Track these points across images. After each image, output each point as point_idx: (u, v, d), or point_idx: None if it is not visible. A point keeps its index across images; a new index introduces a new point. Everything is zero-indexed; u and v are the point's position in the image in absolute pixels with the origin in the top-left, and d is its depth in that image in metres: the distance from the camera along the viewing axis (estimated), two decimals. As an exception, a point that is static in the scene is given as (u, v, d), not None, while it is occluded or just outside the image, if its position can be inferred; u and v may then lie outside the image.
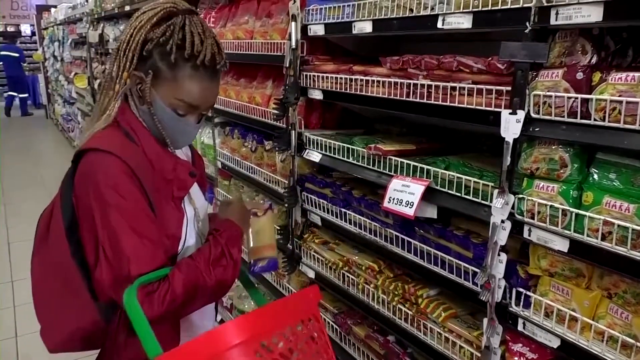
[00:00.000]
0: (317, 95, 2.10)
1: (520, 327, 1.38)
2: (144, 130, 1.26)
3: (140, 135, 1.25)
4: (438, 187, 1.58)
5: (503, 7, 1.29)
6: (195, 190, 1.40)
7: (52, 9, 10.91)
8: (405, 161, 1.70)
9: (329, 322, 2.23)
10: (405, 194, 1.62)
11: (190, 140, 1.38)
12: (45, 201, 1.31)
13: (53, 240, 1.22)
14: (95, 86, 6.45)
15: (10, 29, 16.51)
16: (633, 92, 1.07)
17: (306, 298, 1.09)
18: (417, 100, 1.59)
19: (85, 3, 6.81)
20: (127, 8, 4.57)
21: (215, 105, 2.99)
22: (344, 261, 2.09)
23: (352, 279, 2.03)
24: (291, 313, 1.04)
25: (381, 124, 2.33)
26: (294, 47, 2.09)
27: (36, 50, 13.14)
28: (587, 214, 1.17)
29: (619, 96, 1.09)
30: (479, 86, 1.40)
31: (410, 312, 1.76)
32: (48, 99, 12.23)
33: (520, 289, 1.38)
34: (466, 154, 1.75)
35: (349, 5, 1.84)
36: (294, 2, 2.06)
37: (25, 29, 16.66)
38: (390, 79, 1.70)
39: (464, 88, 1.45)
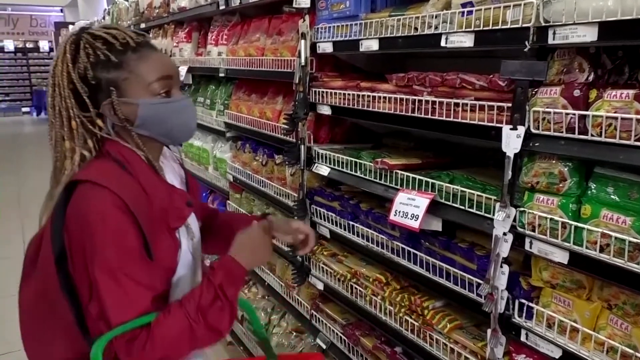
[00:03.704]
0: (325, 110, 2.15)
1: (523, 338, 1.40)
2: (136, 158, 1.21)
3: (134, 164, 1.20)
4: (442, 201, 1.62)
5: (503, 27, 1.34)
6: (192, 219, 1.34)
7: (70, 26, 11.20)
8: (411, 175, 1.73)
9: (337, 334, 2.26)
10: (410, 207, 1.66)
11: (193, 121, 1.31)
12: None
13: (42, 270, 1.18)
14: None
15: (29, 45, 16.98)
16: (627, 109, 1.11)
17: None
18: (422, 115, 1.64)
19: (102, 20, 6.99)
20: (143, 25, 4.69)
21: (228, 120, 3.07)
22: (352, 273, 2.12)
23: (360, 290, 2.06)
24: None
25: (389, 139, 2.37)
26: (303, 64, 2.15)
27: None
28: (586, 226, 1.20)
29: (615, 113, 1.12)
30: (481, 102, 1.45)
31: (416, 324, 1.79)
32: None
33: (523, 300, 1.40)
34: (471, 168, 1.78)
35: (356, 24, 1.89)
36: (304, 20, 2.13)
37: (44, 45, 17.10)
38: (396, 95, 1.75)
39: (466, 104, 1.49)
